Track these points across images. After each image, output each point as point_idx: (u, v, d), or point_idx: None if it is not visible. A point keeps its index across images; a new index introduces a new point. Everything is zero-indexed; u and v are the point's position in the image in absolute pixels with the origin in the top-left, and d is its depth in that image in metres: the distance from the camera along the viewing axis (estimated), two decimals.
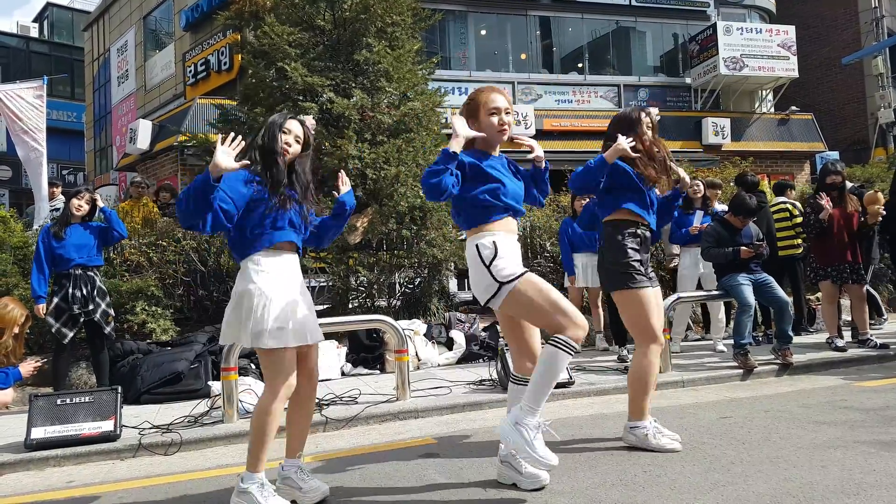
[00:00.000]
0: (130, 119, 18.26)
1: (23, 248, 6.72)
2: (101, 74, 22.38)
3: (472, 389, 5.07)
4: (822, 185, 6.35)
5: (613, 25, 18.21)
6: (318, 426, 4.31)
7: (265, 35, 7.22)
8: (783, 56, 17.27)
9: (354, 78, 7.48)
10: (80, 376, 5.84)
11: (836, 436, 3.47)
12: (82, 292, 5.06)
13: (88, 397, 4.15)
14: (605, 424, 4.03)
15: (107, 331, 5.20)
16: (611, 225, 3.53)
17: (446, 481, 3.07)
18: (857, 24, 20.69)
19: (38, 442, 3.90)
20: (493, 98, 2.95)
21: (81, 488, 3.39)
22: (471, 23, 17.19)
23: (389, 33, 7.53)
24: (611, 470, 3.09)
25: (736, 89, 18.00)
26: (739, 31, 17.14)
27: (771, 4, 19.71)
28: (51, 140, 9.05)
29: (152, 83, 18.83)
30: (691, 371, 5.44)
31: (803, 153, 18.09)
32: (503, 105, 2.95)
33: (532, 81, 17.15)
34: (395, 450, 3.69)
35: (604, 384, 5.07)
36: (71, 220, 5.18)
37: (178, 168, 13.58)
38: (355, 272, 7.13)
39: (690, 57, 18.05)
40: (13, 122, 8.43)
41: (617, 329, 6.20)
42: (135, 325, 6.15)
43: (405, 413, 4.54)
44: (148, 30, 19.52)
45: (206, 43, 15.77)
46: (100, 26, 22.36)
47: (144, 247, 6.72)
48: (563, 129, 16.31)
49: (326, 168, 6.85)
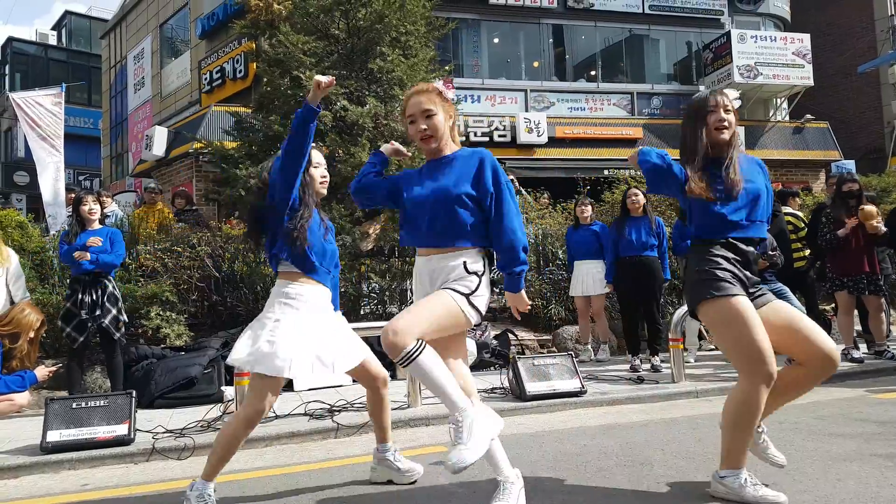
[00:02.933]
0: (146, 126, 18.47)
1: (40, 254, 6.80)
2: (117, 81, 22.66)
3: (483, 398, 5.05)
4: (838, 194, 6.28)
5: (626, 33, 18.20)
6: (330, 432, 4.32)
7: (280, 44, 7.30)
8: (798, 64, 17.18)
9: (368, 86, 7.54)
10: (95, 380, 5.89)
11: (852, 448, 3.43)
12: (92, 297, 5.11)
13: (103, 401, 4.19)
14: (618, 434, 4.01)
15: (116, 336, 5.22)
16: (700, 243, 2.88)
17: (458, 490, 3.07)
18: (873, 33, 20.54)
19: (53, 445, 3.94)
20: (408, 105, 2.74)
21: (96, 492, 3.42)
22: (484, 31, 17.25)
23: (403, 42, 7.59)
24: (623, 480, 3.07)
25: (750, 97, 17.91)
26: (754, 38, 17.07)
27: (786, 12, 19.61)
28: (67, 146, 9.17)
29: (168, 90, 19.03)
30: (705, 381, 5.41)
31: (818, 162, 17.94)
32: (415, 110, 2.69)
33: (545, 89, 17.16)
34: (407, 457, 3.69)
35: (616, 394, 5.05)
36: (86, 226, 5.23)
37: (194, 175, 13.69)
38: (367, 279, 7.15)
39: (704, 65, 17.99)
40: (32, 129, 8.55)
41: (631, 338, 6.17)
42: (149, 330, 6.20)
43: (416, 420, 4.54)
44: (164, 38, 19.76)
45: (221, 51, 15.92)
46: (117, 34, 22.66)
47: (160, 252, 6.78)
48: (576, 137, 16.29)
49: (340, 175, 6.90)
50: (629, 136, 16.72)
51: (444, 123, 2.70)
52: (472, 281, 2.59)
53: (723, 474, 2.74)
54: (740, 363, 2.68)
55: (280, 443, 4.19)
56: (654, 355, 6.01)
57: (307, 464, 3.74)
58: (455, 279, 2.59)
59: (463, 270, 2.59)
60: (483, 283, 2.62)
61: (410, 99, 2.73)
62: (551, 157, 15.83)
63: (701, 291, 2.76)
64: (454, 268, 2.60)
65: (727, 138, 2.82)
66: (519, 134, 15.63)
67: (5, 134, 29.05)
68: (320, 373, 2.85)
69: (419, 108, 2.67)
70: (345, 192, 7.03)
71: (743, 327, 2.63)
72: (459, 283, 2.58)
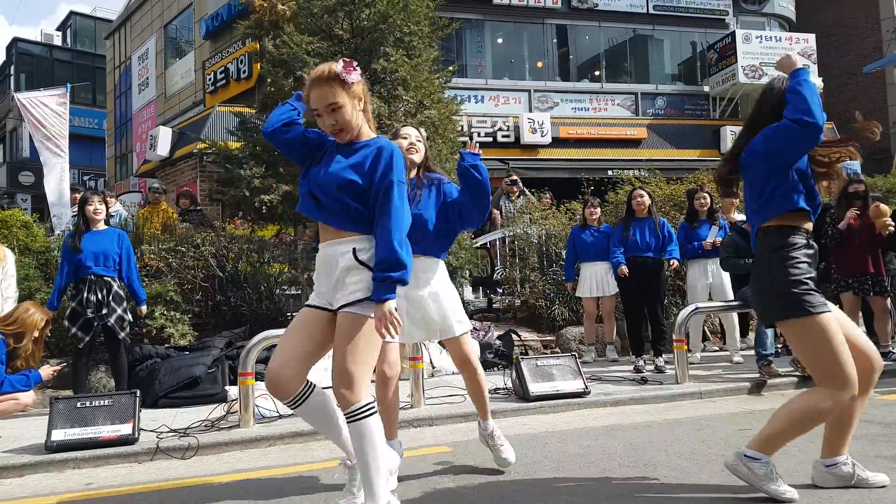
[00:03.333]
0: (151, 126, 18.53)
1: (45, 253, 6.82)
2: (122, 82, 22.74)
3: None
4: (844, 195, 6.25)
5: (631, 33, 18.18)
6: None
7: (284, 44, 7.30)
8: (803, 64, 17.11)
9: (372, 86, 7.53)
10: (100, 380, 5.91)
11: (857, 450, 3.41)
12: (97, 297, 5.12)
13: (107, 401, 4.20)
14: (621, 435, 4.01)
15: (121, 336, 5.24)
16: (775, 232, 2.70)
17: (461, 490, 3.07)
18: (878, 33, 20.47)
19: (58, 444, 3.95)
20: (310, 97, 2.50)
21: (100, 490, 3.43)
22: (487, 31, 17.25)
23: (407, 42, 7.58)
24: (627, 481, 3.07)
25: (755, 97, 17.85)
26: (759, 39, 17.04)
27: (791, 13, 19.57)
28: (72, 146, 9.21)
29: (172, 91, 19.08)
30: (709, 382, 5.39)
31: None
32: (319, 104, 2.46)
33: (548, 89, 17.15)
34: (410, 458, 3.69)
35: (620, 394, 5.04)
36: (91, 226, 5.24)
37: (198, 175, 13.73)
38: None
39: (709, 65, 17.97)
40: (37, 129, 8.58)
41: (634, 338, 6.16)
42: (153, 329, 6.21)
43: (420, 421, 4.54)
44: (168, 38, 19.81)
45: (225, 51, 15.97)
46: (121, 35, 22.73)
47: (164, 252, 6.80)
48: (580, 137, 16.29)
49: None
50: (633, 136, 16.71)
51: (353, 112, 2.48)
52: (363, 278, 2.41)
53: (752, 455, 2.69)
54: (824, 381, 2.62)
55: (284, 442, 4.20)
56: (658, 356, 6.00)
57: (311, 463, 3.75)
58: (347, 281, 2.42)
59: (352, 259, 2.41)
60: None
61: (311, 90, 2.48)
62: (555, 158, 15.83)
63: (791, 307, 2.61)
64: (343, 254, 2.43)
65: None
66: (522, 134, 15.64)
67: (10, 134, 29.17)
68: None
69: (323, 101, 2.45)
70: None
71: (834, 349, 2.56)
72: (353, 290, 2.40)
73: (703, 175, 9.87)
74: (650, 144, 16.74)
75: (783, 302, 2.63)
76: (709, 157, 16.40)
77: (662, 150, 16.65)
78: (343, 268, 2.43)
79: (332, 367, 2.44)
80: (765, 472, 2.68)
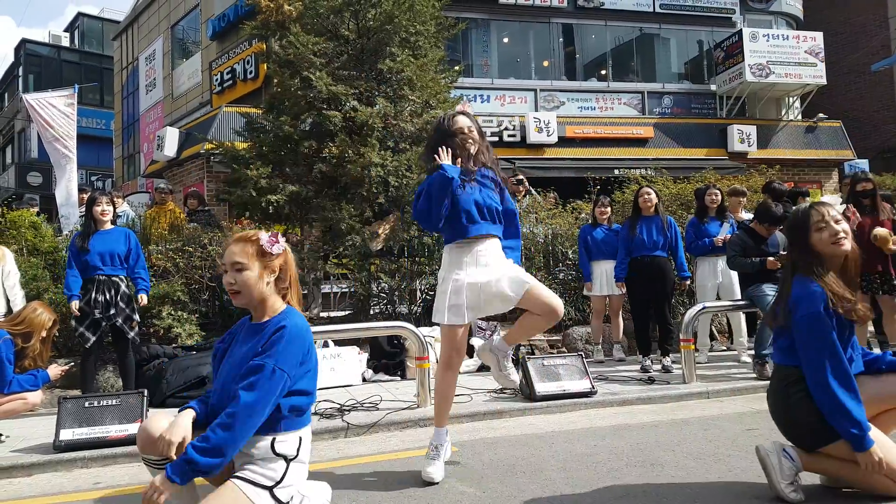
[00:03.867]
0: (158, 126, 18.60)
1: (53, 253, 6.86)
2: (129, 83, 22.83)
3: (492, 398, 5.05)
4: (852, 194, 6.21)
5: (637, 32, 18.11)
6: (340, 431, 4.33)
7: (290, 45, 7.32)
8: (811, 63, 17.04)
9: (378, 86, 7.55)
10: (108, 379, 5.94)
11: None
12: (105, 297, 5.14)
13: (115, 400, 4.22)
14: (628, 435, 4.00)
15: (130, 335, 5.26)
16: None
17: (468, 489, 3.07)
18: (887, 31, 20.32)
19: (66, 443, 3.97)
20: (225, 250, 2.48)
21: (108, 490, 3.44)
22: (493, 30, 17.22)
23: (413, 42, 7.59)
24: (634, 481, 3.06)
25: (762, 96, 17.79)
26: (766, 37, 16.94)
27: (798, 11, 19.46)
28: (80, 147, 9.25)
29: (179, 91, 19.14)
30: (716, 382, 5.37)
31: (831, 161, 17.80)
32: (226, 260, 2.42)
33: (555, 88, 17.11)
34: (416, 456, 3.69)
35: (626, 394, 5.03)
36: (98, 226, 5.26)
37: (205, 175, 13.77)
38: (377, 278, 7.16)
39: (716, 64, 17.87)
40: (45, 130, 8.63)
41: (641, 338, 6.15)
42: (161, 329, 6.24)
43: (426, 420, 4.53)
44: (175, 39, 19.87)
45: (232, 52, 16.00)
46: (129, 36, 22.82)
47: (171, 252, 6.82)
48: (586, 137, 16.24)
49: (349, 176, 6.92)
50: (640, 135, 16.65)
51: (257, 282, 2.37)
52: (275, 467, 2.29)
53: (791, 454, 2.69)
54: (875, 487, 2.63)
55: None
56: (665, 356, 5.98)
57: (317, 463, 3.75)
58: (255, 461, 2.29)
59: (269, 450, 2.29)
60: (292, 470, 2.32)
61: (229, 245, 2.43)
62: (561, 157, 15.78)
63: (832, 433, 2.61)
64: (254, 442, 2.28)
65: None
66: (529, 133, 15.60)
67: (19, 135, 29.34)
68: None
69: (230, 258, 2.38)
70: (354, 191, 7.05)
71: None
72: (258, 471, 2.27)
73: (710, 174, 9.83)
74: (657, 143, 16.68)
75: (823, 430, 2.64)
76: (716, 155, 16.34)
77: (669, 148, 16.58)
78: (246, 465, 2.30)
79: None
80: (791, 473, 2.69)
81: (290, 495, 2.31)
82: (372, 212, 7.26)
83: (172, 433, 2.19)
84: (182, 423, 2.23)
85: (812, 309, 2.60)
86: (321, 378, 5.84)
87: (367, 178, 6.80)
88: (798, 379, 2.68)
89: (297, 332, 2.32)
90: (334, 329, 5.89)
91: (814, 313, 2.60)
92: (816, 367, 2.59)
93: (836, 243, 2.68)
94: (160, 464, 2.23)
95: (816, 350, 2.59)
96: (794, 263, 2.81)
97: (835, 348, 2.57)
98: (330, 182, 7.24)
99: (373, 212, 7.27)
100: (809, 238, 2.72)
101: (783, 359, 2.79)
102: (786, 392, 2.74)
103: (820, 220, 2.71)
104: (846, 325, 2.65)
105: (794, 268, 2.79)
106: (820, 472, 2.81)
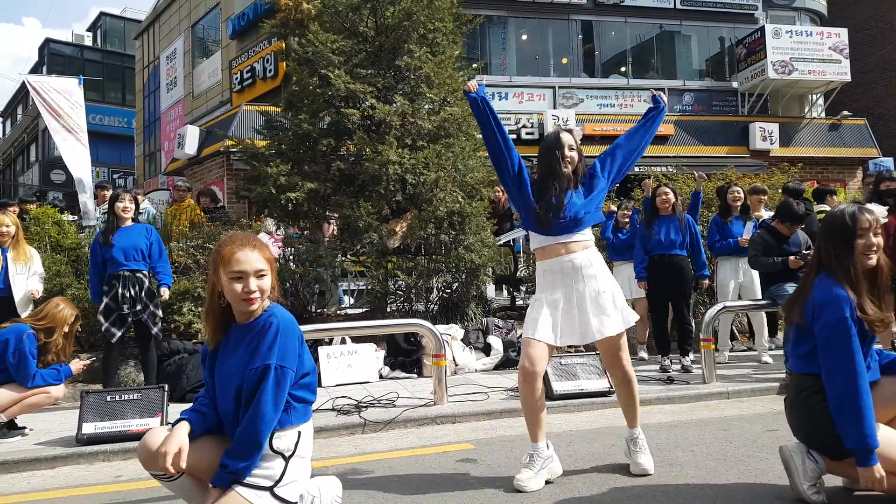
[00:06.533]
0: (179, 125, 18.78)
1: (76, 250, 6.96)
2: (150, 81, 23.08)
3: (509, 396, 5.03)
4: (876, 193, 6.09)
5: (657, 29, 17.94)
6: (357, 428, 4.35)
7: (309, 43, 7.34)
8: (835, 59, 16.75)
9: (396, 84, 7.55)
10: (129, 374, 6.02)
11: None
12: (131, 293, 5.21)
13: (137, 395, 4.28)
14: (647, 435, 3.95)
15: (154, 331, 5.33)
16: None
17: (485, 487, 3.06)
18: None
19: (88, 437, 4.03)
20: (234, 258, 2.28)
21: (129, 483, 3.49)
22: (511, 28, 17.16)
23: (431, 39, 7.58)
24: (652, 481, 3.03)
25: (785, 93, 17.53)
26: (789, 34, 16.69)
27: (822, 6, 19.15)
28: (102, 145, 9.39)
29: (200, 90, 19.32)
30: (736, 382, 5.31)
31: (855, 159, 17.50)
32: (248, 267, 2.28)
33: (573, 86, 17.01)
34: (434, 454, 3.70)
35: (645, 394, 4.97)
36: (119, 223, 5.33)
37: (225, 172, 13.89)
38: (394, 276, 7.17)
39: (737, 61, 17.65)
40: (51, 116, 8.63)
41: (660, 338, 6.09)
42: (181, 325, 6.30)
43: (442, 417, 4.54)
44: (196, 38, 20.06)
45: (251, 51, 16.11)
46: (150, 35, 23.07)
47: (192, 249, 6.89)
48: (606, 134, 16.12)
49: (367, 174, 6.93)
50: (660, 132, 16.47)
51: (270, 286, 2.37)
52: (273, 465, 2.28)
53: (817, 456, 2.66)
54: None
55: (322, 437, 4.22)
56: (685, 355, 5.92)
57: (335, 458, 3.77)
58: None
59: (266, 447, 2.26)
60: (292, 467, 2.30)
61: (240, 251, 2.29)
62: None
63: None
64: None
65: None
66: (547, 131, 15.54)
67: (42, 133, 29.81)
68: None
69: (252, 266, 2.28)
70: (371, 189, 7.06)
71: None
72: (256, 472, 2.25)
73: (731, 172, 9.72)
74: (677, 141, 16.52)
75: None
76: (737, 153, 16.14)
77: (690, 146, 16.42)
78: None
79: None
80: (815, 475, 2.64)
81: (297, 494, 2.31)
82: (389, 209, 7.27)
83: (169, 445, 2.21)
84: (178, 435, 2.24)
85: (837, 315, 2.54)
86: (338, 374, 5.90)
87: (384, 176, 6.80)
88: (819, 389, 2.61)
89: (288, 326, 2.33)
90: (351, 326, 5.92)
91: (839, 319, 2.54)
92: (835, 374, 2.54)
93: (865, 254, 2.62)
94: (167, 477, 2.27)
95: (837, 356, 2.54)
96: (820, 262, 2.72)
97: (855, 358, 2.51)
98: (348, 180, 7.26)
99: (390, 209, 7.28)
100: (854, 241, 2.62)
101: (802, 366, 2.71)
102: (806, 403, 2.67)
103: (867, 227, 2.62)
104: (867, 332, 2.60)
105: (820, 267, 2.72)
106: (844, 475, 2.76)
